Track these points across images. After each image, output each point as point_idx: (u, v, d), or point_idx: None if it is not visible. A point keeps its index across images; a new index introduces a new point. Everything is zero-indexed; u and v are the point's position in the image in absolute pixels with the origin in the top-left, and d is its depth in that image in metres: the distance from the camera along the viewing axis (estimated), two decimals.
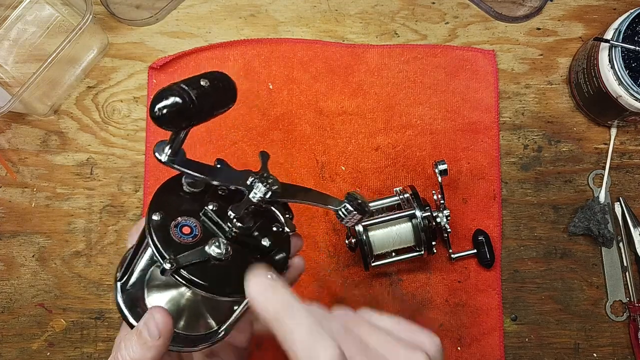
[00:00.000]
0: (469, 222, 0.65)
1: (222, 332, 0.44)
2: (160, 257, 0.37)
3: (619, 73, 0.57)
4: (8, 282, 0.67)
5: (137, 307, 0.42)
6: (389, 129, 0.67)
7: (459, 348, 0.64)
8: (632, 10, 0.58)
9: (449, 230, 0.61)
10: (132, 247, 0.43)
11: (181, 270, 0.37)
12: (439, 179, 0.60)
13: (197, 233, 0.40)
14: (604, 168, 0.66)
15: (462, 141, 0.66)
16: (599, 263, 0.66)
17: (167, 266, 0.37)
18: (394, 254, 0.61)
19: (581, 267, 0.66)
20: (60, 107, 0.68)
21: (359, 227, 0.58)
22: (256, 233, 0.41)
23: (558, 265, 0.66)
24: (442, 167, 0.59)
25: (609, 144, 0.66)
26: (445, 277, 0.65)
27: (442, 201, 0.60)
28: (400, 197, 0.61)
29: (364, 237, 0.58)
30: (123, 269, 0.43)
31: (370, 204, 0.61)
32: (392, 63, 0.67)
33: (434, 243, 0.59)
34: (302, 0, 0.69)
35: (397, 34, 0.69)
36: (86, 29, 0.61)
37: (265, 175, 0.41)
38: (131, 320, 0.42)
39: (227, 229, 0.40)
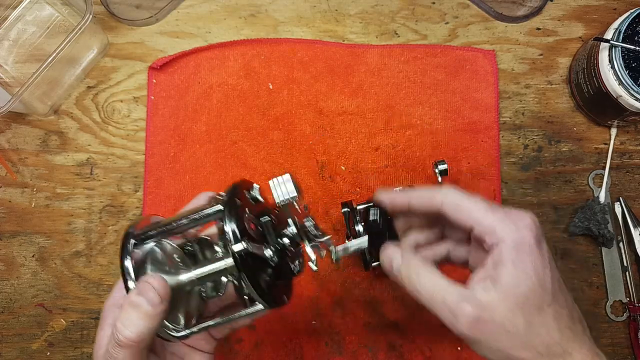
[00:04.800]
0: None
1: (196, 330, 0.43)
2: (234, 236, 0.39)
3: (619, 73, 0.57)
4: (8, 282, 0.67)
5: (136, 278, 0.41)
6: (389, 129, 0.67)
7: (458, 348, 0.64)
8: (632, 10, 0.58)
9: None
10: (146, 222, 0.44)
11: (245, 257, 0.39)
12: (439, 179, 0.60)
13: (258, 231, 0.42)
14: (604, 168, 0.66)
15: (462, 141, 0.66)
16: (599, 263, 0.66)
17: (240, 247, 0.38)
18: None
19: (581, 267, 0.66)
20: (60, 107, 0.68)
21: (359, 227, 0.58)
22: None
23: (558, 265, 0.65)
24: (442, 167, 0.59)
25: (609, 144, 0.66)
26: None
27: None
28: None
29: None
30: (147, 232, 0.43)
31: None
32: (392, 63, 0.67)
33: None
34: (302, 0, 0.69)
35: (397, 34, 0.69)
36: (86, 29, 0.61)
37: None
38: (131, 284, 0.41)
39: (270, 241, 0.42)
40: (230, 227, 0.39)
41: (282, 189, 0.41)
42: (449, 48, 0.68)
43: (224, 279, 0.45)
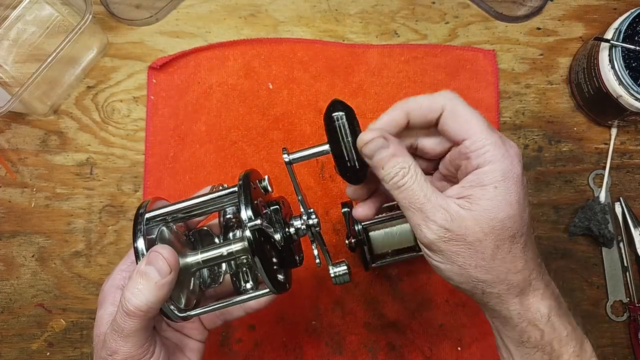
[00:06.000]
0: None
1: (195, 313, 0.44)
2: (253, 214, 0.40)
3: (619, 73, 0.57)
4: (8, 282, 0.67)
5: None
6: None
7: (459, 348, 0.64)
8: (632, 10, 0.58)
9: None
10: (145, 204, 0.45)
11: (258, 237, 0.40)
12: None
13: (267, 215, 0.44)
14: (604, 168, 0.66)
15: None
16: (599, 263, 0.66)
17: (257, 222, 0.39)
18: (394, 254, 0.61)
19: (581, 267, 0.66)
20: (60, 107, 0.68)
21: (359, 227, 0.58)
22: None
23: (558, 266, 0.65)
24: None
25: (609, 144, 0.66)
26: None
27: None
28: None
29: (364, 237, 0.58)
30: (159, 212, 0.44)
31: None
32: (392, 63, 0.67)
33: None
34: (302, 0, 0.69)
35: (397, 33, 0.68)
36: (86, 28, 0.61)
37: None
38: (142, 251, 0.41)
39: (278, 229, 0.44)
40: (245, 207, 0.40)
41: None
42: (449, 48, 0.67)
43: (223, 267, 0.47)
